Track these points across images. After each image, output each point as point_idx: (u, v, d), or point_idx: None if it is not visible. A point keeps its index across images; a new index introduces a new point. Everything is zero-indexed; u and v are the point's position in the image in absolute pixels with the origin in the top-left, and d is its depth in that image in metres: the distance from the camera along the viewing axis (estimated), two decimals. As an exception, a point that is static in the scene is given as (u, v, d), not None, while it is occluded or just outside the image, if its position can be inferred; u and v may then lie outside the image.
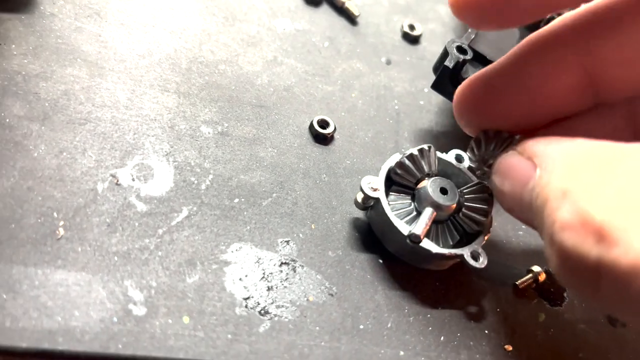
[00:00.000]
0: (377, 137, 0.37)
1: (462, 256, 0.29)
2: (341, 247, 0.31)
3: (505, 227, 0.35)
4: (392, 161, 0.31)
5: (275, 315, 0.27)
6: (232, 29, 0.38)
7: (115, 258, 0.27)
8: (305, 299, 0.29)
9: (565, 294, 0.34)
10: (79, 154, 0.29)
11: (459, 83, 0.34)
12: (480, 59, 0.36)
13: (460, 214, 0.31)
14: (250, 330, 0.27)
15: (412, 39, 0.43)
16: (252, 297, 0.28)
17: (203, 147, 0.32)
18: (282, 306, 0.28)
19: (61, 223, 0.27)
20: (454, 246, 0.31)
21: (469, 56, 0.34)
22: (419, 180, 0.31)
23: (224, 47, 0.37)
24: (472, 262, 0.29)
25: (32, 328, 0.24)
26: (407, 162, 0.30)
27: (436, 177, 0.31)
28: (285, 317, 0.28)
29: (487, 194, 0.30)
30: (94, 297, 0.25)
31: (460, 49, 0.34)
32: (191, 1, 0.38)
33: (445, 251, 0.29)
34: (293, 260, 0.30)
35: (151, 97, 0.33)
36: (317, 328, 0.28)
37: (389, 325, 0.29)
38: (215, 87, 0.35)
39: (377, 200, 0.30)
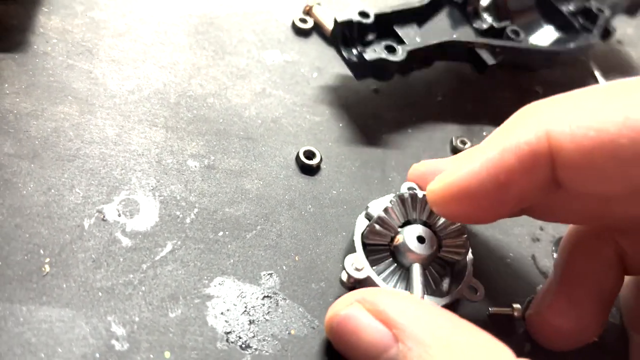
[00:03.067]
0: (363, 166, 0.37)
1: (461, 296, 0.30)
2: (324, 278, 0.31)
3: (489, 254, 0.35)
4: (360, 226, 0.31)
5: (256, 350, 0.28)
6: (221, 62, 0.39)
7: (100, 294, 0.27)
8: (287, 332, 0.29)
9: (553, 323, 0.34)
10: (66, 191, 0.30)
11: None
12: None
13: (440, 252, 0.31)
14: (230, 365, 0.27)
15: (401, 67, 0.44)
16: (234, 331, 0.28)
17: (189, 180, 0.33)
18: (264, 340, 0.28)
19: (47, 260, 0.28)
20: (441, 287, 0.31)
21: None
22: (392, 238, 0.31)
23: (213, 80, 0.38)
24: (472, 297, 0.30)
25: (15, 365, 0.24)
26: (377, 227, 0.30)
27: (408, 228, 0.30)
28: (266, 351, 0.28)
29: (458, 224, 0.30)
30: (76, 333, 0.26)
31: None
32: (182, 36, 0.39)
33: (448, 300, 0.29)
34: (275, 294, 0.30)
35: (139, 132, 0.34)
36: (298, 362, 0.28)
37: (371, 357, 0.29)
38: (203, 121, 0.35)
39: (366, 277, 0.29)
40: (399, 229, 0.30)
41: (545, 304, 0.31)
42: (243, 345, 0.28)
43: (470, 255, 0.31)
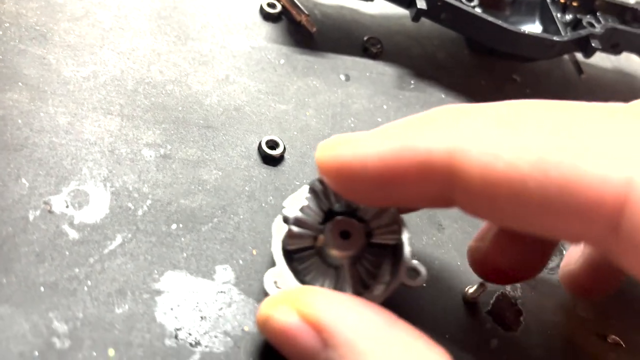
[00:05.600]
0: (330, 156, 0.36)
1: (401, 284, 0.27)
2: (282, 273, 0.30)
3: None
4: (278, 232, 0.28)
5: (206, 347, 0.27)
6: (183, 48, 0.38)
7: (42, 289, 0.26)
8: (241, 328, 0.28)
9: (521, 318, 0.33)
10: (11, 182, 0.29)
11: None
12: None
13: (372, 239, 0.28)
14: (178, 363, 0.26)
15: (373, 54, 0.42)
16: (184, 327, 0.27)
17: (143, 171, 0.31)
18: (215, 337, 0.27)
19: (-13, 254, 0.26)
20: (381, 271, 0.28)
21: None
22: (316, 237, 0.28)
23: (174, 66, 0.36)
24: (411, 282, 0.27)
25: (-52, 364, 0.23)
26: (295, 229, 0.27)
27: (329, 225, 0.27)
28: (217, 349, 0.27)
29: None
30: (15, 331, 0.25)
31: None
32: (143, 20, 0.38)
33: (386, 293, 0.27)
34: (230, 289, 0.29)
35: (93, 120, 0.32)
36: (251, 359, 0.27)
37: (328, 355, 0.28)
38: (161, 109, 0.34)
39: None
40: (321, 226, 0.28)
41: (488, 238, 0.29)
42: (193, 343, 0.27)
43: (406, 234, 0.28)
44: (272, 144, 0.34)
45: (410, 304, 0.31)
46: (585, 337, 0.33)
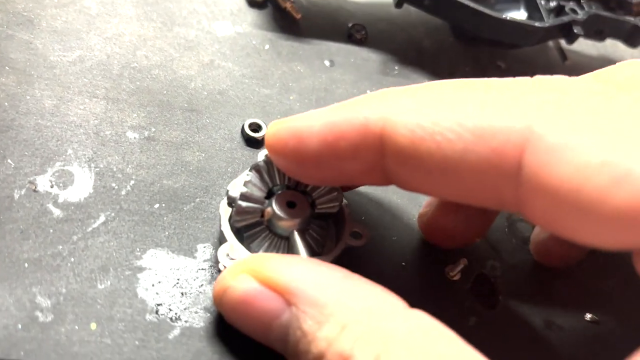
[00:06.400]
0: (313, 139, 0.36)
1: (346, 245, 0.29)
2: (263, 251, 0.31)
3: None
4: (225, 213, 0.29)
5: (186, 322, 0.27)
6: (169, 34, 0.38)
7: (26, 265, 0.27)
8: (221, 304, 0.28)
9: (500, 297, 0.33)
10: (-3, 162, 0.29)
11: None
12: None
13: (316, 209, 0.29)
14: (159, 337, 0.27)
15: (358, 41, 0.43)
16: (164, 303, 0.28)
17: (127, 152, 0.32)
18: (195, 312, 0.28)
19: (-28, 231, 0.27)
20: (327, 238, 0.30)
21: None
22: (263, 212, 0.29)
23: (159, 52, 0.37)
24: (355, 243, 0.29)
25: None
26: (243, 204, 0.28)
27: (275, 197, 0.29)
28: (197, 324, 0.27)
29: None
30: (-1, 305, 0.25)
31: None
32: (129, 7, 0.39)
33: (333, 255, 0.28)
34: (211, 266, 0.29)
35: (78, 103, 0.33)
36: (229, 334, 0.28)
37: (306, 330, 0.29)
38: (146, 92, 0.35)
39: None
40: (266, 201, 0.29)
41: (434, 203, 0.31)
42: (173, 318, 0.27)
43: (344, 201, 0.30)
44: (255, 127, 0.35)
45: (390, 282, 0.32)
46: (563, 315, 0.34)
